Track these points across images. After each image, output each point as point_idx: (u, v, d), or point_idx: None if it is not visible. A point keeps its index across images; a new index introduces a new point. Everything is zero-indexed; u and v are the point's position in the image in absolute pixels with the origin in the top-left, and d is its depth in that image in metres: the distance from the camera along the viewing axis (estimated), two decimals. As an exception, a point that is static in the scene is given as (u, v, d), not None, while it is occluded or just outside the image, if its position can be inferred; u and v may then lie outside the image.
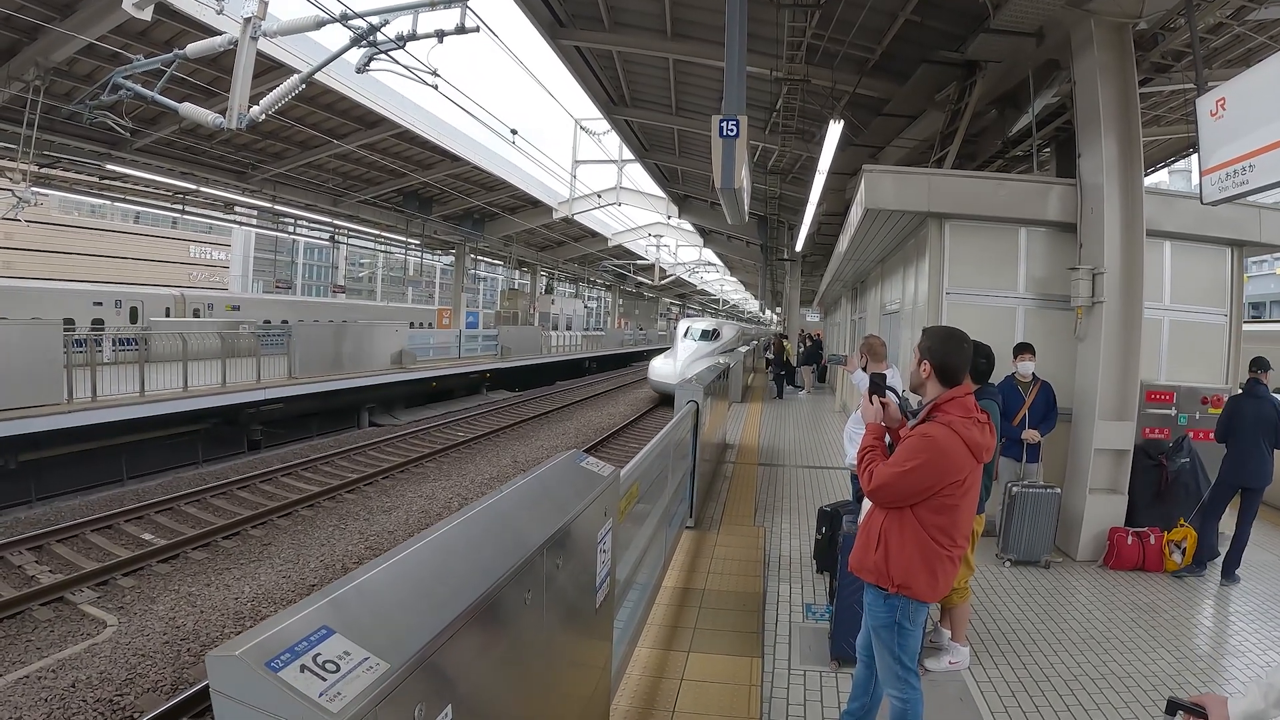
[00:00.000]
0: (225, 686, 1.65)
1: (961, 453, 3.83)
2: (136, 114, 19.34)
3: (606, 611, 4.01)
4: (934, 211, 9.70)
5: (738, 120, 8.95)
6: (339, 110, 23.71)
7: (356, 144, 25.92)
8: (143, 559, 12.30)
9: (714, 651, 5.92)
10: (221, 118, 14.14)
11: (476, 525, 2.82)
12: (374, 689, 1.70)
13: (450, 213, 37.18)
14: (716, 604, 6.92)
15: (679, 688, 5.35)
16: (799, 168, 20.68)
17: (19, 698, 8.31)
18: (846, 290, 26.38)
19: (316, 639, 1.75)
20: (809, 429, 18.59)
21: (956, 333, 4.14)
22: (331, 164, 28.85)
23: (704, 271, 60.15)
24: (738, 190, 9.47)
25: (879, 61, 13.41)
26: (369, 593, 2.09)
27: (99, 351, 18.13)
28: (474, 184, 33.40)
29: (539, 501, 3.31)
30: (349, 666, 1.72)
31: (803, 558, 8.33)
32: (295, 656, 1.68)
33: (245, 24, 13.27)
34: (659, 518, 6.73)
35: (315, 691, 1.61)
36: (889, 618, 4.05)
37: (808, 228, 21.02)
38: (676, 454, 7.93)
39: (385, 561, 2.26)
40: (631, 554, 5.37)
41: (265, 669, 1.61)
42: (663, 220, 38.48)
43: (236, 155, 26.71)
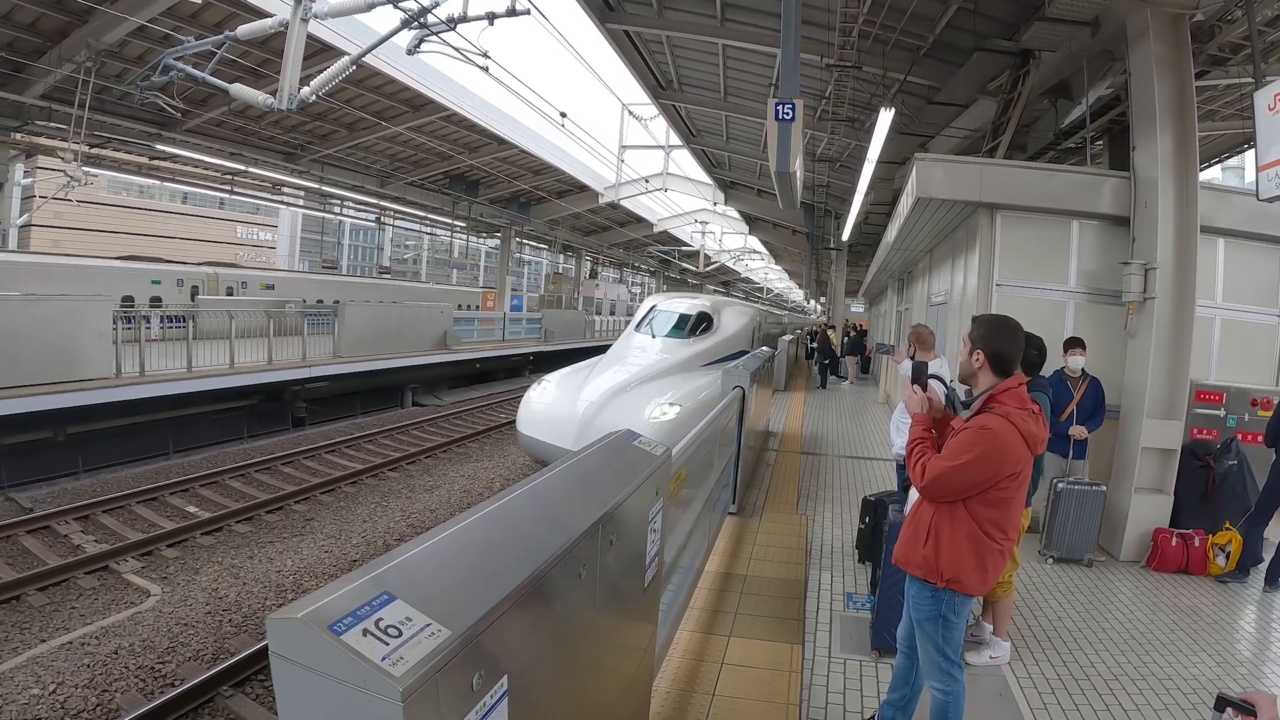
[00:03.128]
0: (286, 649, 1.67)
1: (1018, 445, 3.75)
2: (187, 95, 19.55)
3: (654, 592, 4.04)
4: (985, 201, 9.58)
5: (794, 104, 8.92)
6: (387, 93, 23.87)
7: (404, 126, 26.08)
8: (187, 531, 12.54)
9: (755, 637, 5.92)
10: (272, 98, 14.26)
11: (533, 499, 2.86)
12: (435, 655, 1.71)
13: (497, 196, 37.21)
14: (758, 590, 6.92)
15: (719, 671, 5.36)
16: (848, 156, 20.48)
17: (62, 663, 8.48)
18: (893, 281, 26.14)
19: (378, 604, 1.77)
20: (852, 419, 18.52)
21: (1009, 321, 4.06)
22: (379, 146, 29.05)
23: (749, 259, 59.92)
24: (792, 174, 9.45)
25: (931, 49, 13.25)
26: (429, 561, 2.12)
27: (148, 328, 18.39)
28: (521, 168, 33.40)
29: (593, 478, 3.35)
30: (411, 632, 1.73)
31: (844, 547, 8.30)
32: (358, 620, 1.69)
33: (296, 6, 13.35)
34: (703, 503, 6.74)
35: (378, 655, 1.62)
36: (934, 610, 3.99)
37: (855, 216, 20.90)
38: (721, 440, 7.91)
39: (444, 532, 2.30)
40: (676, 538, 5.38)
41: (328, 632, 1.63)
42: (708, 207, 38.22)
43: (285, 136, 26.94)
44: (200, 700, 7.82)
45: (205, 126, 24.25)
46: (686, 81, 20.83)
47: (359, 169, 31.10)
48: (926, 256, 16.52)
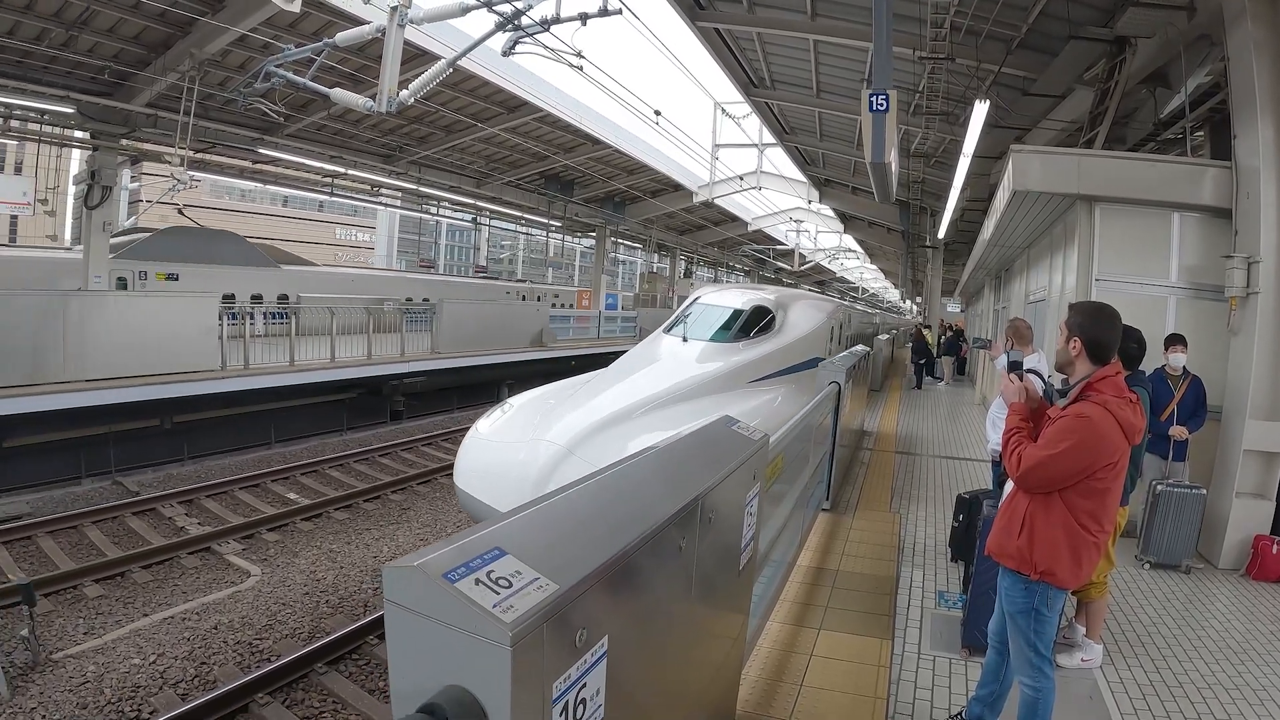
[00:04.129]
0: (400, 596, 1.76)
1: (1116, 434, 3.70)
2: (288, 100, 20.01)
3: (748, 575, 4.08)
4: (1083, 194, 9.37)
5: (887, 94, 8.94)
6: (482, 95, 24.10)
7: (500, 128, 26.29)
8: (287, 516, 13.15)
9: (844, 631, 5.94)
10: (372, 102, 14.55)
11: (638, 472, 3.00)
12: (543, 606, 1.77)
13: (592, 195, 37.31)
14: (849, 585, 6.93)
15: (808, 663, 5.39)
16: (942, 151, 20.19)
17: (163, 635, 8.97)
18: (990, 279, 25.67)
19: (490, 558, 1.85)
20: (947, 420, 18.26)
21: (1107, 308, 4.00)
22: (475, 147, 29.31)
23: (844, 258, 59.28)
24: (887, 165, 9.46)
25: (1024, 39, 13.04)
26: (538, 522, 2.23)
27: (251, 323, 19.08)
28: (615, 167, 33.46)
29: (693, 457, 3.45)
30: (520, 584, 1.80)
31: (937, 545, 8.24)
32: (470, 571, 1.77)
33: (392, 13, 13.61)
34: (796, 498, 6.79)
35: (489, 603, 1.70)
36: (1027, 603, 3.94)
37: (951, 213, 20.58)
38: (816, 436, 7.95)
39: (553, 497, 2.43)
40: (768, 532, 5.36)
41: (443, 580, 1.71)
42: (803, 205, 37.84)
43: (384, 139, 27.37)
44: (295, 676, 8.19)
45: (306, 130, 24.79)
46: (778, 78, 20.71)
47: (455, 170, 31.44)
48: (1024, 253, 16.19)
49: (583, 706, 2.03)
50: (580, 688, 2.00)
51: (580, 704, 2.01)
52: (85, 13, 16.91)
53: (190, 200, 42.82)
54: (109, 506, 13.50)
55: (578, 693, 1.99)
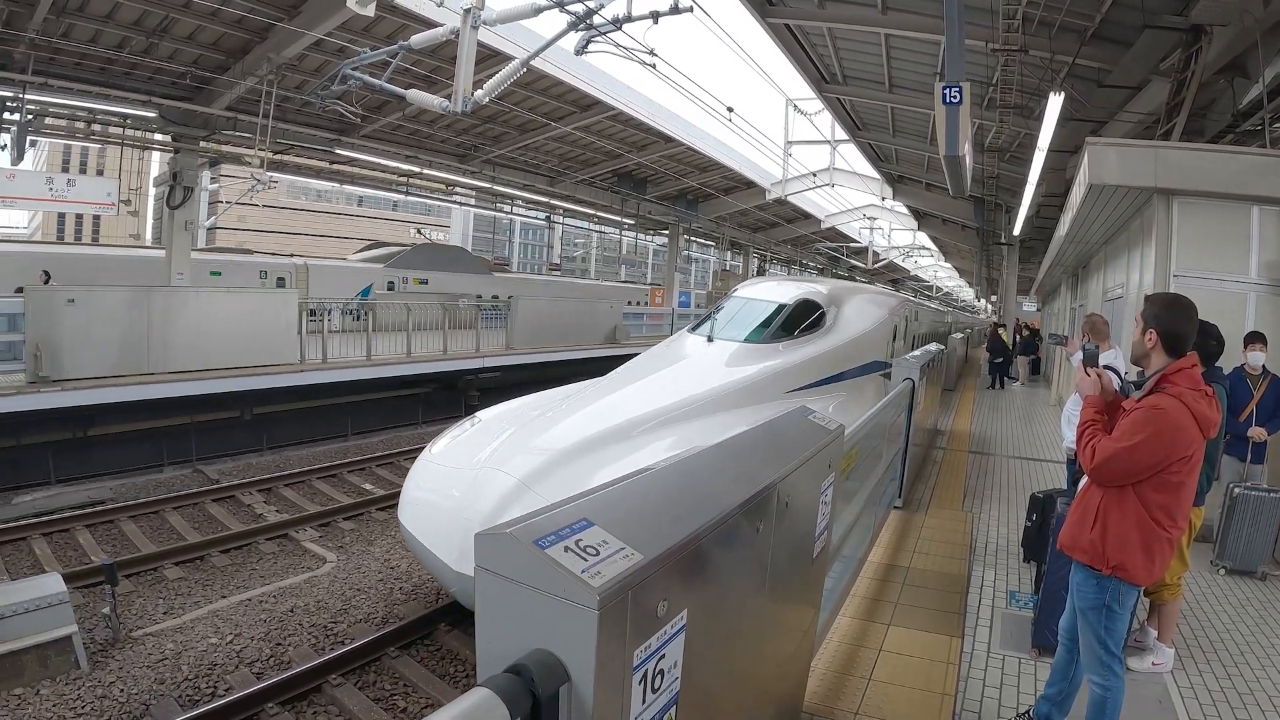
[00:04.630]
0: (491, 562, 1.85)
1: (1191, 426, 3.66)
2: (364, 101, 20.35)
3: (820, 566, 4.12)
4: (1160, 187, 9.20)
5: (960, 87, 8.95)
6: (555, 94, 24.26)
7: (573, 126, 26.48)
8: (363, 505, 13.45)
9: (914, 627, 5.96)
10: (447, 102, 14.74)
11: (717, 455, 3.08)
12: (628, 575, 1.84)
13: (664, 193, 37.31)
14: (919, 582, 6.95)
15: (877, 657, 5.43)
16: (1017, 146, 19.94)
17: (240, 617, 9.27)
18: (1066, 276, 25.24)
19: (578, 528, 1.93)
20: (1022, 420, 18.02)
21: (1183, 299, 3.96)
22: (548, 146, 29.53)
23: (918, 256, 58.65)
24: (961, 158, 9.42)
25: (1098, 29, 12.85)
26: (623, 499, 2.30)
27: (329, 319, 19.70)
28: (688, 165, 33.39)
29: (771, 444, 3.53)
30: (607, 553, 1.87)
31: (1010, 545, 8.18)
32: (560, 539, 1.85)
33: (465, 15, 13.77)
34: (868, 494, 6.78)
35: (578, 568, 1.76)
36: (1098, 599, 3.91)
37: (1026, 210, 20.29)
38: (890, 433, 7.97)
39: (635, 476, 2.51)
40: (840, 526, 5.40)
41: (533, 546, 1.79)
42: (876, 202, 37.56)
43: (458, 139, 27.73)
44: (368, 659, 8.36)
45: (381, 131, 25.20)
46: (850, 73, 20.61)
47: (529, 169, 31.72)
48: (1101, 250, 15.92)
49: (660, 677, 2.09)
50: (660, 658, 2.06)
51: (659, 674, 2.08)
52: (165, 20, 17.43)
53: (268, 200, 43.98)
54: (190, 493, 13.98)
55: (657, 663, 2.05)
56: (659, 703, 2.13)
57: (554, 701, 1.73)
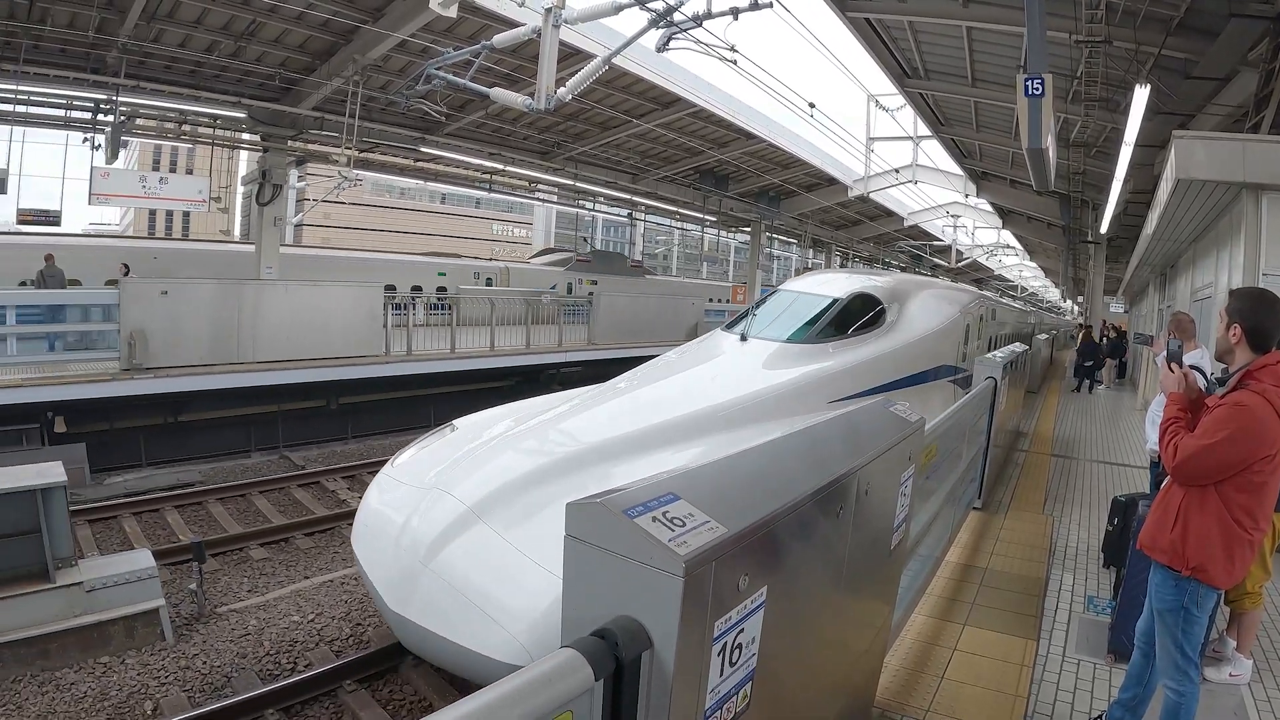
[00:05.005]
0: (580, 531, 1.92)
1: (1274, 424, 3.57)
2: (448, 100, 20.67)
3: (898, 560, 4.15)
4: (1250, 182, 8.97)
5: (1043, 79, 8.90)
6: (636, 91, 24.38)
7: (654, 123, 26.56)
8: None
9: (989, 628, 5.95)
10: (530, 100, 14.93)
11: (798, 441, 3.15)
12: (712, 546, 1.89)
13: (746, 190, 37.17)
14: (996, 584, 6.92)
15: (951, 656, 5.44)
16: (1103, 140, 19.53)
17: (322, 597, 9.58)
18: (1154, 276, 24.70)
19: (665, 500, 1.99)
20: (1107, 423, 17.69)
21: (1268, 294, 3.88)
22: (630, 143, 29.63)
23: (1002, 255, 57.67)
24: (1045, 151, 9.35)
25: (1183, 19, 12.56)
26: (708, 477, 2.37)
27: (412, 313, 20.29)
28: (769, 161, 33.26)
29: (852, 433, 3.58)
30: (693, 524, 1.93)
31: (1089, 550, 8.07)
32: (648, 510, 1.92)
33: (547, 14, 13.92)
34: (947, 493, 6.74)
35: (665, 537, 1.83)
36: (1176, 601, 3.83)
37: (1113, 207, 19.90)
38: (971, 433, 7.93)
39: (719, 457, 2.58)
40: (917, 524, 5.35)
41: (623, 515, 1.86)
42: (960, 199, 37.00)
43: (541, 136, 27.96)
44: None
45: (465, 129, 25.58)
46: (932, 67, 20.39)
47: (611, 165, 31.88)
48: (1190, 248, 15.56)
49: (739, 651, 2.13)
50: (739, 632, 2.11)
51: (737, 648, 2.12)
52: (252, 24, 18.04)
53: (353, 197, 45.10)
54: (276, 478, 14.52)
55: (736, 636, 2.09)
56: (736, 677, 2.16)
57: (636, 666, 1.80)
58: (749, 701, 2.27)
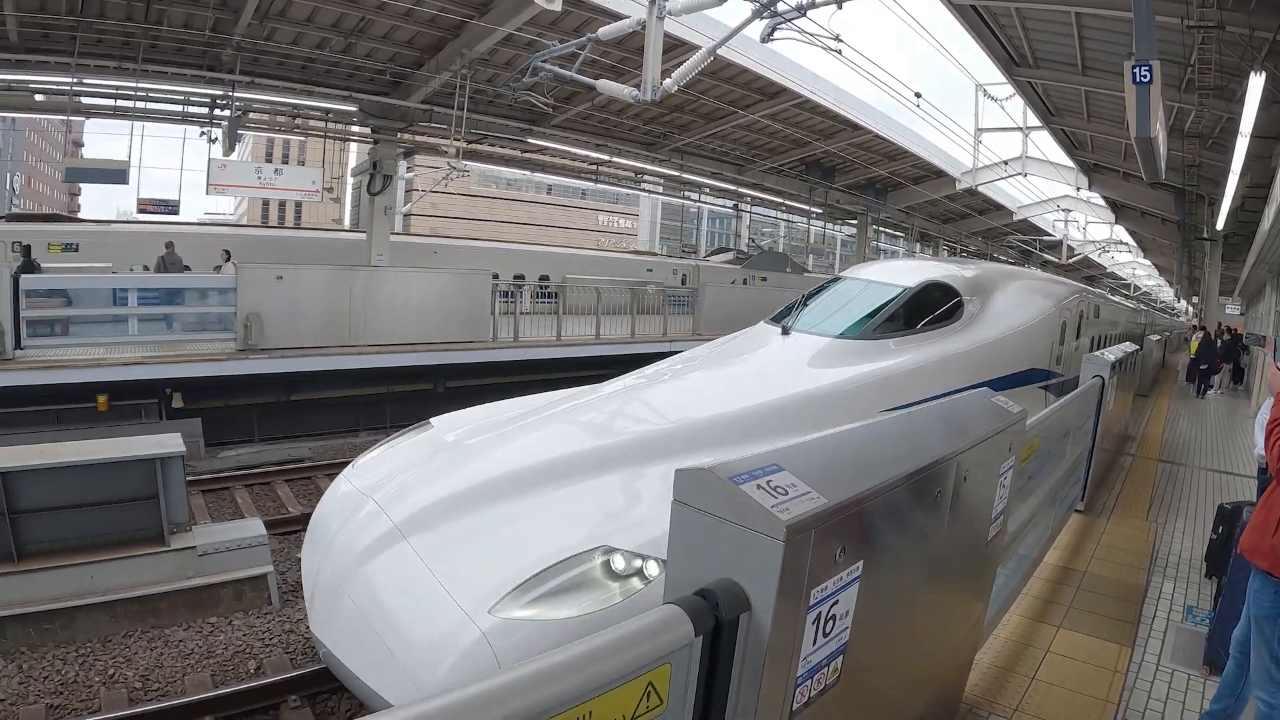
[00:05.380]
0: (688, 496, 2.02)
1: None
2: (554, 92, 21.01)
3: (994, 551, 4.13)
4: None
5: (1150, 65, 8.79)
6: (741, 82, 24.40)
7: (759, 114, 26.61)
8: None
9: (1083, 632, 5.90)
10: (636, 91, 15.08)
11: (898, 424, 3.31)
12: (813, 515, 1.97)
13: (853, 182, 36.91)
14: (1094, 588, 6.84)
15: (1043, 658, 5.42)
16: (1219, 131, 18.97)
17: None
18: (1272, 276, 23.81)
19: (769, 470, 2.08)
20: (1219, 429, 17.24)
21: None
22: (735, 134, 29.71)
23: (1114, 251, 56.07)
24: (1154, 140, 9.24)
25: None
26: (811, 451, 2.45)
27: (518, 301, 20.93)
28: (876, 153, 32.93)
29: (951, 419, 3.62)
30: (795, 494, 2.01)
31: (1193, 559, 7.90)
32: (752, 478, 2.01)
33: (651, 5, 14.05)
34: (1047, 493, 6.66)
35: (768, 503, 1.92)
36: (1274, 609, 3.67)
37: (1229, 201, 19.28)
38: (1076, 433, 7.81)
39: (821, 435, 2.69)
40: (1015, 522, 5.31)
41: (729, 482, 1.95)
42: (1071, 192, 36.01)
43: (646, 127, 28.22)
44: None
45: (572, 121, 25.95)
46: (1041, 55, 19.91)
47: (716, 156, 31.95)
48: (1312, 245, 15.06)
49: (832, 623, 2.21)
50: (834, 603, 2.18)
51: (831, 620, 2.19)
52: (361, 21, 18.70)
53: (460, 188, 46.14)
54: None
55: (830, 607, 2.17)
56: (828, 648, 2.23)
57: (734, 627, 1.88)
58: (839, 676, 2.33)
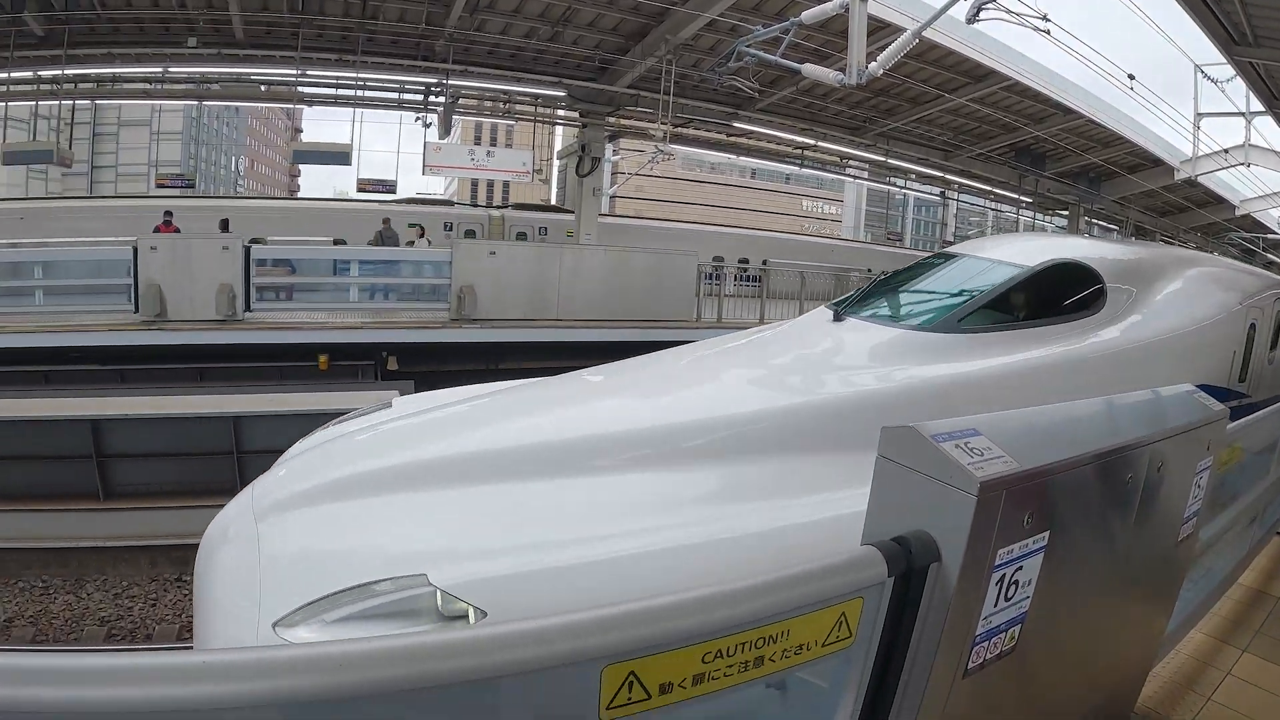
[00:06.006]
0: (891, 452, 2.19)
1: None
2: (759, 76, 21.30)
3: (1185, 553, 4.04)
4: None
5: None
6: (947, 65, 24.08)
7: (966, 98, 26.11)
8: None
9: (1272, 660, 5.53)
10: (842, 75, 15.17)
11: (1097, 405, 3.31)
12: (1005, 476, 2.09)
13: (1064, 170, 35.64)
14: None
15: (1223, 680, 5.15)
16: None
17: None
18: None
19: (967, 434, 2.20)
20: None
21: None
22: (942, 119, 29.26)
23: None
24: None
25: None
26: (1008, 420, 2.54)
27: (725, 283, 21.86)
28: (1088, 139, 31.68)
29: (1146, 409, 3.64)
30: (990, 456, 2.13)
31: None
32: (951, 439, 2.14)
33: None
34: (1246, 509, 6.12)
35: (965, 461, 2.06)
36: None
37: None
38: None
39: (1020, 410, 2.80)
40: (1206, 532, 4.86)
41: (931, 439, 2.11)
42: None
43: (851, 112, 28.19)
44: None
45: (776, 105, 26.15)
46: (1262, 33, 18.60)
47: (922, 142, 31.60)
48: None
49: (1014, 588, 2.30)
50: (1017, 569, 2.28)
51: (1013, 584, 2.28)
52: (567, 11, 19.67)
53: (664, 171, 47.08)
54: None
55: (1014, 572, 2.26)
56: (1007, 614, 2.32)
57: (923, 574, 2.03)
58: (1014, 645, 2.40)
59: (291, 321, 15.71)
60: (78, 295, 16.16)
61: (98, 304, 15.70)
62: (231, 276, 15.42)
